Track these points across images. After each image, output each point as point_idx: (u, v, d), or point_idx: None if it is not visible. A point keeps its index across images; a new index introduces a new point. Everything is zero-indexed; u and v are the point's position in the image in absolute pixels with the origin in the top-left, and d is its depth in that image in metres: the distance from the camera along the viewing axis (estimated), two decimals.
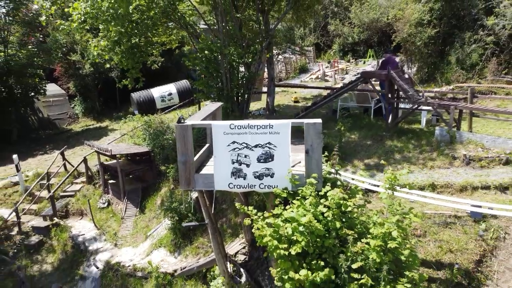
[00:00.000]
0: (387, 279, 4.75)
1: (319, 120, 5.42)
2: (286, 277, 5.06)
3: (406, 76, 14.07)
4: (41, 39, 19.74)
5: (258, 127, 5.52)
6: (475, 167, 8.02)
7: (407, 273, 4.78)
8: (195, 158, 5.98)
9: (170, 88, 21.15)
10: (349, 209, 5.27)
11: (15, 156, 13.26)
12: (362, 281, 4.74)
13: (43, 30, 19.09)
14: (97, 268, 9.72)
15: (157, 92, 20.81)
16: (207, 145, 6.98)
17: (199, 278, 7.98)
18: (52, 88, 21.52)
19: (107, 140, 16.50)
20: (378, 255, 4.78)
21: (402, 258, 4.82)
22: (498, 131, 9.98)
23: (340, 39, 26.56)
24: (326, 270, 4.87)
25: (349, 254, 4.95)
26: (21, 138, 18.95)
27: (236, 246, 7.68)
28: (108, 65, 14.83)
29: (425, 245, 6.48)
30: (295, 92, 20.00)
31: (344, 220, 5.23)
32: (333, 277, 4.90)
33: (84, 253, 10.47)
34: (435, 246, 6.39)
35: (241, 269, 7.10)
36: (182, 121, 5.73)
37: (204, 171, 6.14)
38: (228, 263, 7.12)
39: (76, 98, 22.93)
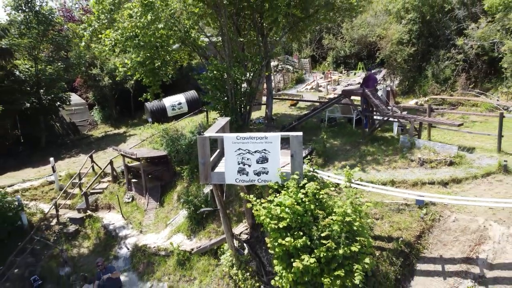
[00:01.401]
0: (345, 243, 6.84)
1: (300, 133, 7.51)
2: (276, 243, 7.16)
3: (381, 92, 16.30)
4: (64, 55, 21.91)
5: (257, 138, 7.62)
6: (426, 167, 10.10)
7: (358, 238, 6.87)
8: (210, 160, 8.07)
9: (180, 98, 23.29)
10: (321, 196, 7.37)
11: (51, 159, 15.42)
12: (328, 245, 6.82)
13: (67, 46, 21.23)
14: (128, 249, 11.82)
15: (168, 101, 22.93)
16: (218, 150, 9.07)
17: (211, 254, 10.06)
18: (73, 98, 23.67)
19: (127, 145, 18.63)
20: (339, 227, 6.88)
21: (355, 228, 6.90)
22: (453, 139, 12.07)
23: (334, 52, 28.72)
24: (304, 238, 6.96)
25: (319, 227, 7.04)
26: (48, 143, 21.07)
27: (240, 228, 9.77)
28: (131, 81, 16.86)
29: (382, 225, 8.55)
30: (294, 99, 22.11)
31: (317, 204, 7.30)
32: (308, 243, 6.98)
33: (115, 238, 12.57)
34: (388, 226, 8.46)
35: (244, 244, 9.20)
36: (202, 133, 7.85)
37: (217, 169, 8.22)
38: (234, 240, 9.21)
39: (95, 106, 25.11)
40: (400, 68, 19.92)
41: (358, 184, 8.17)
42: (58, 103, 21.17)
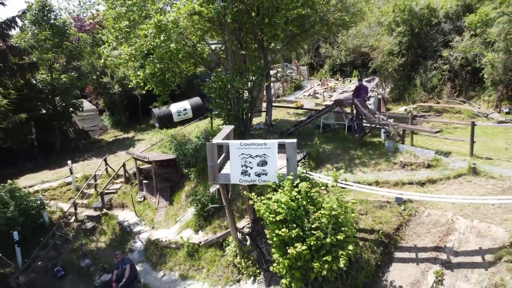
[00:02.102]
0: (331, 233, 8.08)
1: (295, 140, 8.76)
2: (274, 234, 8.40)
3: (373, 99, 17.54)
4: (77, 64, 23.20)
5: (258, 144, 8.87)
6: (407, 169, 11.34)
7: (343, 229, 8.11)
8: (217, 163, 9.32)
9: (185, 105, 24.57)
10: (312, 194, 8.61)
11: (69, 162, 16.69)
12: (317, 235, 8.05)
13: (79, 56, 22.51)
14: (142, 243, 13.06)
15: (174, 108, 24.20)
16: (223, 154, 10.31)
17: (217, 246, 11.28)
18: (84, 104, 24.92)
19: (137, 149, 19.89)
20: (327, 219, 8.12)
21: (340, 220, 8.14)
22: (434, 144, 13.30)
23: (330, 60, 30.00)
24: (297, 229, 8.19)
25: (310, 219, 8.28)
26: (62, 147, 22.32)
27: (243, 223, 11.00)
28: (139, 89, 18.13)
29: (366, 219, 9.78)
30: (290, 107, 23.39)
31: (308, 200, 8.54)
32: (301, 233, 8.22)
33: (129, 233, 13.80)
34: (371, 220, 9.69)
35: (247, 237, 10.43)
36: (210, 140, 9.10)
37: (223, 171, 9.47)
38: (238, 233, 10.44)
39: (105, 112, 26.41)
40: (391, 77, 21.20)
41: (346, 184, 9.41)
42: (71, 109, 22.44)
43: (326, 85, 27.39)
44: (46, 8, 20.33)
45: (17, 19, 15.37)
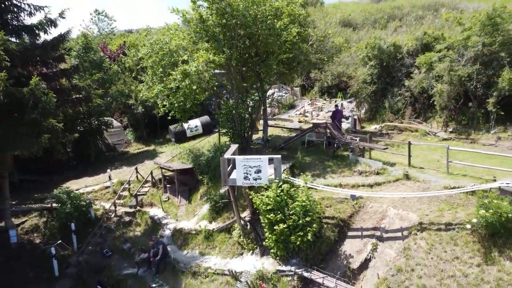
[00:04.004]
0: (302, 217, 12.05)
1: (279, 156, 12.81)
2: (265, 219, 12.42)
3: (350, 119, 21.50)
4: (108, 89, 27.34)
5: (255, 159, 12.91)
6: (363, 176, 15.32)
7: (310, 213, 12.09)
8: (227, 171, 13.34)
9: (196, 122, 28.64)
10: (291, 192, 12.62)
11: (108, 170, 20.76)
12: (293, 218, 12.01)
13: (111, 84, 26.68)
14: (169, 230, 17.01)
15: (187, 125, 28.28)
16: (231, 165, 14.30)
17: (226, 231, 15.20)
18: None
19: (159, 159, 23.90)
20: (299, 208, 12.11)
21: (308, 208, 12.12)
22: (388, 157, 17.24)
23: (319, 83, 34.15)
24: (280, 215, 12.17)
25: (289, 208, 12.25)
26: (96, 158, 26.38)
27: (244, 214, 14.95)
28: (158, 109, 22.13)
29: (330, 210, 13.71)
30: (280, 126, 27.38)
31: (288, 196, 12.52)
32: (283, 217, 12.19)
33: (159, 224, 17.74)
34: (333, 210, 13.63)
35: (248, 223, 14.40)
36: (222, 155, 13.15)
37: (231, 177, 13.48)
38: (241, 221, 14.40)
39: (128, 128, 30.53)
40: (366, 100, 25.28)
41: (315, 186, 13.42)
42: (103, 127, 26.56)
43: (315, 104, 31.48)
44: (87, 46, 24.60)
45: (65, 56, 19.46)
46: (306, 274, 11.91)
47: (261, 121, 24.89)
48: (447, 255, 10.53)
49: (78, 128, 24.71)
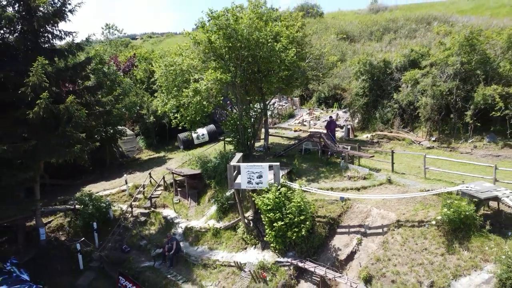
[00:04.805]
0: (297, 215, 13.99)
1: (278, 163, 14.79)
2: (266, 217, 14.39)
3: (345, 128, 23.44)
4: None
5: (256, 165, 14.89)
6: (351, 180, 17.24)
7: (304, 213, 14.03)
8: (233, 176, 15.32)
9: (203, 131, 30.68)
10: (289, 194, 14.58)
11: (125, 175, 22.76)
12: (289, 216, 13.97)
13: (124, 97, 28.75)
14: (181, 229, 18.96)
15: (194, 133, 30.33)
16: (236, 171, 16.27)
17: (232, 229, 17.14)
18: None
19: (169, 165, 25.89)
20: (295, 208, 14.06)
21: (302, 208, 14.06)
22: (376, 164, 19.16)
23: (317, 93, 36.17)
24: (279, 214, 14.13)
25: (286, 208, 14.21)
26: (110, 164, 28.41)
27: (248, 214, 16.89)
28: (168, 117, 24.21)
29: (322, 210, 15.64)
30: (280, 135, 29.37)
31: (285, 198, 14.48)
32: (281, 216, 14.14)
33: (172, 223, 19.69)
34: (325, 210, 15.55)
35: (250, 221, 16.35)
36: (229, 162, 15.15)
37: (237, 181, 15.45)
38: (245, 219, 16.35)
39: (139, 136, 32.61)
40: (359, 111, 27.26)
41: (309, 189, 15.37)
42: (118, 135, 28.62)
43: (313, 114, 33.47)
44: (103, 61, 26.75)
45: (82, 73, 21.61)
46: (300, 264, 13.83)
47: (263, 130, 26.92)
48: (418, 246, 12.44)
49: (96, 136, 26.80)
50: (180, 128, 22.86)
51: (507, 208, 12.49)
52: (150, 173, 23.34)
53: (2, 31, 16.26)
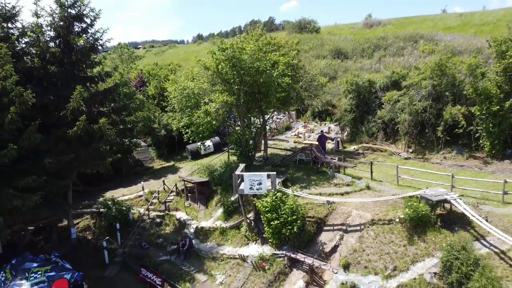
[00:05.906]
0: (290, 215, 16.85)
1: (274, 173, 17.74)
2: (265, 217, 17.28)
3: (335, 140, 26.37)
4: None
5: (257, 175, 17.82)
6: (337, 187, 20.11)
7: (295, 213, 16.89)
8: (238, 183, 18.20)
9: (209, 142, 33.53)
10: (283, 198, 17.47)
11: (142, 182, 25.64)
12: (284, 216, 16.85)
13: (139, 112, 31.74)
14: (193, 228, 21.77)
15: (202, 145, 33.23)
16: (239, 179, 19.14)
17: (236, 228, 19.95)
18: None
19: (180, 174, 28.75)
20: (288, 209, 16.93)
21: (294, 209, 16.93)
22: (360, 173, 22.03)
23: (311, 108, 39.17)
24: (275, 214, 17.02)
25: (281, 210, 17.07)
26: (126, 172, 31.25)
27: (250, 215, 19.71)
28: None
29: (311, 211, 18.48)
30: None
31: (281, 201, 17.35)
32: (277, 216, 17.02)
33: (184, 224, 22.51)
34: (314, 212, 18.39)
35: (252, 222, 19.19)
36: (234, 172, 18.08)
37: (240, 187, 18.33)
38: (247, 220, 19.18)
39: (151, 147, 35.57)
40: (347, 125, 30.23)
41: (301, 194, 18.25)
42: (133, 146, 31.55)
43: (307, 127, 36.43)
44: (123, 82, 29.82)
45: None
46: (293, 256, 16.65)
47: (263, 142, 29.84)
48: (386, 239, 15.29)
49: (114, 148, 29.73)
50: (189, 141, 25.80)
51: (457, 208, 15.35)
52: (163, 181, 26.19)
53: (45, 63, 19.24)
